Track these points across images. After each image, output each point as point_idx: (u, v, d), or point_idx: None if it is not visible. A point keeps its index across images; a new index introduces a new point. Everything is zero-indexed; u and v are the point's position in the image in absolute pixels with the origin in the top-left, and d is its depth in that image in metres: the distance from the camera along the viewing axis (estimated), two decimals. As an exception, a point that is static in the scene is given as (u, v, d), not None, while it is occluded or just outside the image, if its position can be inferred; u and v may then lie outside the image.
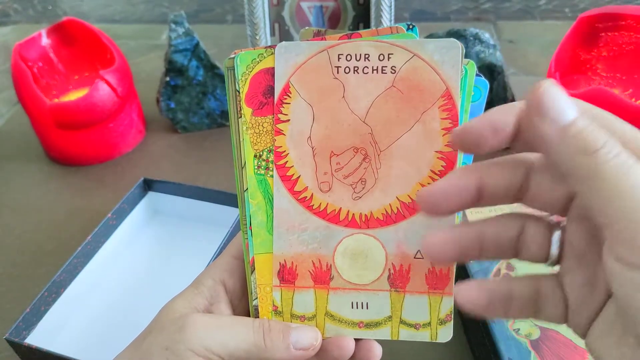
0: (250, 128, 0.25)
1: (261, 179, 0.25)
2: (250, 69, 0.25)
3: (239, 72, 0.25)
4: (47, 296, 0.42)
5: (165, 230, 0.52)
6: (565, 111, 0.17)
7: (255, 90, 0.25)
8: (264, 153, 0.25)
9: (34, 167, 0.63)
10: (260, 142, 0.25)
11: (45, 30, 0.64)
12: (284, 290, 0.25)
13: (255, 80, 0.25)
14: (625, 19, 0.56)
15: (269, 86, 0.25)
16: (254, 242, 0.25)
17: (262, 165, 0.25)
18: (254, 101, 0.25)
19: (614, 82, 0.59)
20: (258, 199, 0.25)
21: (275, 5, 0.62)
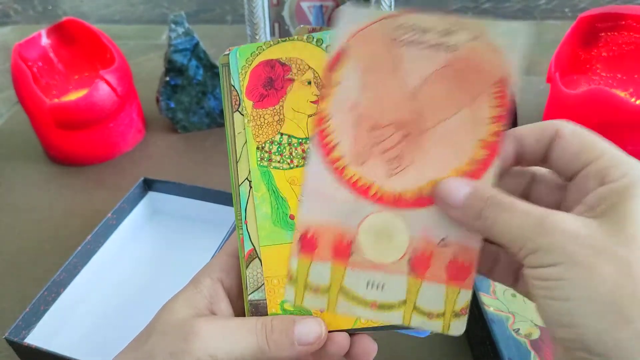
0: (251, 120, 0.25)
1: (264, 171, 0.25)
2: (249, 62, 0.25)
3: (238, 66, 0.25)
4: (46, 296, 0.42)
5: (165, 230, 0.52)
6: (453, 196, 0.23)
7: (255, 83, 0.25)
8: (266, 145, 0.25)
9: (34, 167, 0.63)
10: (262, 134, 0.25)
11: (45, 31, 0.64)
12: (302, 259, 0.24)
13: (255, 73, 0.25)
14: (626, 19, 0.56)
15: (268, 78, 0.25)
16: (260, 234, 0.26)
17: (265, 157, 0.25)
18: (254, 94, 0.25)
19: (614, 82, 0.59)
20: (262, 191, 0.25)
21: (275, 5, 0.62)
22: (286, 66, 0.25)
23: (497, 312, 0.39)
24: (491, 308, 0.39)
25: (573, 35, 0.58)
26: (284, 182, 0.26)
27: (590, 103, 0.51)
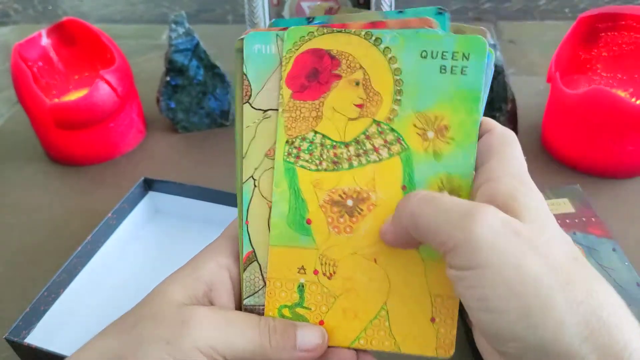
0: (286, 111, 0.24)
1: (289, 167, 0.24)
2: (297, 47, 0.23)
3: (285, 48, 0.23)
4: (46, 296, 0.42)
5: (165, 230, 0.52)
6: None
7: (299, 71, 0.23)
8: (297, 140, 0.24)
9: (33, 167, 0.63)
10: (295, 127, 0.24)
11: (45, 30, 0.64)
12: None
13: (301, 60, 0.23)
14: (626, 19, 0.56)
15: (314, 69, 0.23)
16: (272, 233, 0.24)
17: (293, 153, 0.24)
18: (295, 83, 0.23)
19: (614, 82, 0.59)
20: (282, 188, 0.24)
21: (275, 5, 0.62)
22: (336, 60, 0.23)
23: (498, 312, 0.38)
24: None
25: (573, 35, 0.58)
26: (307, 183, 0.24)
27: (591, 103, 0.51)
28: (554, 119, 0.58)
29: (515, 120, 0.60)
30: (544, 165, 0.58)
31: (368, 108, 0.23)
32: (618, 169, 0.54)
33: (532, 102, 0.66)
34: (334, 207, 0.24)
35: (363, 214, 0.24)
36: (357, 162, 0.24)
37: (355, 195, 0.24)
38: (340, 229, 0.24)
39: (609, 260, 0.41)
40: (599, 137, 0.53)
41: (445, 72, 0.22)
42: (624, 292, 0.39)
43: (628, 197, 0.53)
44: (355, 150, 0.24)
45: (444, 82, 0.23)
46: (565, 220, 0.45)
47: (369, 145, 0.24)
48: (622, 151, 0.53)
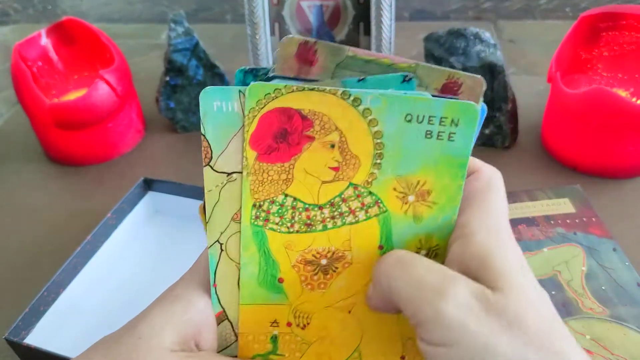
0: (251, 174, 0.21)
1: (258, 231, 0.22)
2: (261, 105, 0.21)
3: (247, 106, 0.21)
4: (46, 296, 0.42)
5: (165, 230, 0.52)
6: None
7: (265, 131, 0.21)
8: (265, 203, 0.22)
9: (33, 167, 0.63)
10: (263, 191, 0.22)
11: (45, 30, 0.64)
12: None
13: (267, 119, 0.21)
14: (626, 19, 0.56)
15: (283, 129, 0.21)
16: (242, 293, 0.23)
17: (261, 217, 0.22)
18: (261, 144, 0.21)
19: (615, 82, 0.59)
20: (251, 251, 0.23)
21: (275, 5, 0.62)
22: (308, 120, 0.21)
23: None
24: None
25: (574, 34, 0.58)
26: (278, 245, 0.23)
27: (591, 103, 0.51)
28: (554, 119, 0.57)
29: (516, 120, 0.60)
30: (544, 165, 0.58)
31: (344, 171, 0.21)
32: (619, 169, 0.54)
33: (533, 102, 0.66)
34: (308, 266, 0.23)
35: (338, 272, 0.23)
36: (332, 223, 0.22)
37: (330, 255, 0.23)
38: (314, 286, 0.23)
39: (610, 260, 0.41)
40: (599, 137, 0.53)
41: (431, 137, 0.21)
42: (624, 292, 0.39)
43: (628, 197, 0.53)
44: (330, 213, 0.22)
45: (429, 147, 0.21)
46: (565, 221, 0.45)
47: (345, 207, 0.22)
48: (622, 151, 0.53)
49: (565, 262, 0.42)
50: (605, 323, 0.37)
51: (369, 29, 0.61)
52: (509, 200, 0.47)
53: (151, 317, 0.22)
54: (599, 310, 0.38)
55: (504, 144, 0.60)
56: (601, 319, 0.37)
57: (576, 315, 0.38)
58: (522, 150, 0.60)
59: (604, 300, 0.38)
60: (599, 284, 0.39)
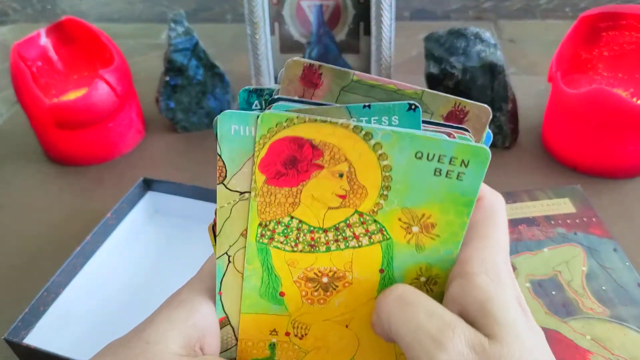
0: (259, 196, 0.22)
1: (262, 248, 0.23)
2: (272, 133, 0.21)
3: (258, 134, 0.21)
4: (46, 296, 0.42)
5: (165, 230, 0.52)
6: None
7: (274, 158, 0.21)
8: (271, 223, 0.22)
9: (33, 167, 0.63)
10: (269, 212, 0.22)
11: (44, 30, 0.64)
12: None
13: (277, 147, 0.21)
14: (626, 19, 0.56)
15: (292, 157, 0.21)
16: (244, 302, 0.24)
17: (267, 235, 0.23)
18: (270, 169, 0.21)
19: (615, 82, 0.59)
20: (255, 265, 0.23)
21: (275, 4, 0.62)
22: (318, 150, 0.21)
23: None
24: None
25: (574, 34, 0.58)
26: (281, 262, 0.23)
27: (592, 103, 0.51)
28: (554, 118, 0.57)
29: (516, 120, 0.60)
30: (545, 165, 0.58)
31: (351, 199, 0.22)
32: (619, 169, 0.54)
33: (533, 102, 0.66)
34: (309, 282, 0.23)
35: (338, 290, 0.23)
36: (336, 246, 0.23)
37: (331, 274, 0.23)
38: (314, 301, 0.24)
39: (610, 260, 0.41)
40: (599, 137, 0.53)
41: (440, 175, 0.21)
42: (624, 292, 0.39)
43: (628, 197, 0.53)
44: (334, 236, 0.22)
45: (437, 184, 0.21)
46: (566, 221, 0.45)
47: (349, 232, 0.22)
48: (622, 151, 0.53)
49: (566, 262, 0.41)
50: (605, 323, 0.37)
51: (369, 29, 0.61)
52: (509, 200, 0.47)
53: (158, 322, 0.22)
54: (599, 310, 0.38)
55: (504, 144, 0.60)
56: (601, 319, 0.37)
57: (576, 315, 0.38)
58: (522, 150, 0.60)
59: (604, 301, 0.38)
60: (599, 284, 0.39)
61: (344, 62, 0.64)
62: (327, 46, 0.64)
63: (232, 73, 0.70)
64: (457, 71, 0.57)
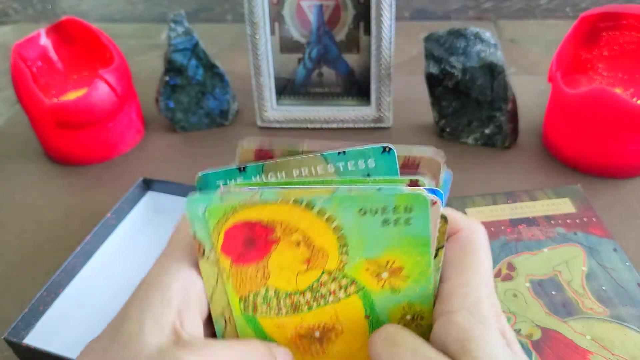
0: (231, 277, 0.23)
1: (250, 319, 0.24)
2: (222, 223, 0.22)
3: (209, 226, 0.22)
4: (45, 296, 0.41)
5: (165, 230, 0.52)
6: None
7: (233, 241, 0.22)
8: (250, 296, 0.23)
9: (33, 167, 0.63)
10: (245, 287, 0.23)
11: (45, 30, 0.64)
12: None
13: (231, 232, 0.22)
14: (627, 19, 0.56)
15: (249, 237, 0.22)
16: None
17: (250, 307, 0.23)
18: (232, 252, 0.22)
19: (615, 82, 0.59)
20: (248, 333, 0.24)
21: (275, 4, 0.62)
22: (269, 228, 0.22)
23: (498, 312, 0.38)
24: (492, 309, 0.39)
25: (574, 34, 0.58)
26: (271, 327, 0.24)
27: (592, 103, 0.51)
28: (554, 118, 0.57)
29: (516, 120, 0.60)
30: (545, 165, 0.58)
31: (315, 262, 0.22)
32: (619, 168, 0.54)
33: (533, 102, 0.66)
34: (303, 339, 0.24)
35: (332, 340, 0.24)
36: (316, 304, 0.23)
37: (321, 328, 0.24)
38: (313, 353, 0.24)
39: (610, 260, 0.41)
40: (600, 137, 0.53)
41: (389, 224, 0.21)
42: (624, 292, 0.39)
43: (629, 197, 0.53)
44: (312, 296, 0.23)
45: (389, 232, 0.21)
46: (566, 221, 0.45)
47: (325, 290, 0.23)
48: (623, 151, 0.53)
49: (566, 262, 0.41)
50: (605, 323, 0.37)
51: (369, 29, 0.61)
52: (509, 200, 0.47)
53: (131, 317, 0.22)
54: (600, 310, 0.38)
55: (504, 144, 0.60)
56: (601, 319, 0.37)
57: (576, 315, 0.38)
58: (522, 150, 0.60)
59: (605, 301, 0.38)
60: (599, 284, 0.39)
61: (344, 62, 0.64)
62: (327, 46, 0.64)
63: (232, 73, 0.70)
64: (457, 71, 0.57)
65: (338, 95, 0.66)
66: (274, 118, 0.66)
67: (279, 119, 0.66)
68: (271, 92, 0.65)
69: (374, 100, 0.64)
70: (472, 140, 0.61)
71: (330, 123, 0.65)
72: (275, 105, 0.66)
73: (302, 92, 0.66)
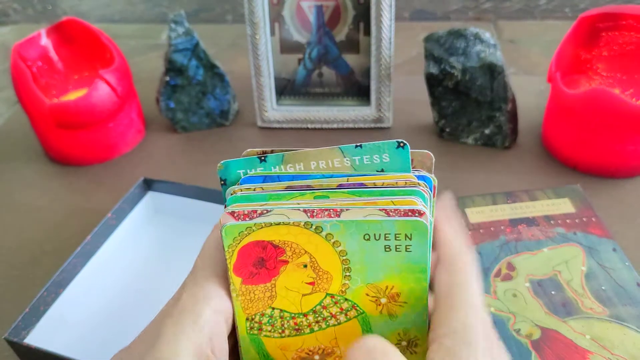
0: (240, 295, 0.24)
1: (254, 338, 0.25)
2: (237, 241, 0.23)
3: (225, 244, 0.23)
4: (46, 296, 0.42)
5: (165, 230, 0.52)
6: None
7: (245, 261, 0.24)
8: (256, 316, 0.24)
9: (33, 167, 0.63)
10: (252, 307, 0.24)
11: (45, 30, 0.64)
12: None
13: (245, 251, 0.23)
14: (626, 19, 0.56)
15: (260, 258, 0.23)
16: None
17: (255, 327, 0.25)
18: (243, 271, 0.24)
19: (614, 82, 0.59)
20: (252, 354, 0.25)
21: (275, 5, 0.62)
22: (280, 248, 0.23)
23: (498, 312, 0.38)
24: (492, 308, 0.39)
25: (574, 35, 0.58)
26: (274, 347, 0.25)
27: (591, 103, 0.51)
28: (554, 119, 0.57)
29: (516, 120, 0.60)
30: (545, 165, 0.58)
31: (320, 284, 0.24)
32: (618, 168, 0.54)
33: (533, 102, 0.66)
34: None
35: None
36: (318, 327, 0.25)
37: (321, 352, 0.25)
38: None
39: (610, 260, 0.41)
40: (599, 137, 0.53)
41: (390, 251, 0.23)
42: (624, 292, 0.39)
43: (628, 197, 0.53)
44: (314, 319, 0.25)
45: (390, 258, 0.23)
46: (565, 221, 0.45)
47: (327, 313, 0.25)
48: (622, 151, 0.53)
49: (565, 262, 0.42)
50: (605, 323, 0.37)
51: (369, 29, 0.61)
52: (509, 200, 0.47)
53: (166, 336, 0.22)
54: (599, 310, 0.38)
55: (504, 144, 0.60)
56: (601, 319, 0.37)
57: (576, 315, 0.38)
58: (522, 150, 0.60)
59: (604, 300, 0.38)
60: (599, 284, 0.40)
61: (344, 62, 0.64)
62: (327, 46, 0.64)
63: (232, 73, 0.70)
64: (456, 71, 0.57)
65: (338, 95, 0.66)
66: (274, 118, 0.66)
67: (279, 119, 0.66)
68: (271, 92, 0.65)
69: (374, 101, 0.64)
70: (472, 141, 0.61)
71: (330, 123, 0.65)
72: (275, 105, 0.66)
73: (302, 92, 0.66)
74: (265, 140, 0.65)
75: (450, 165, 0.58)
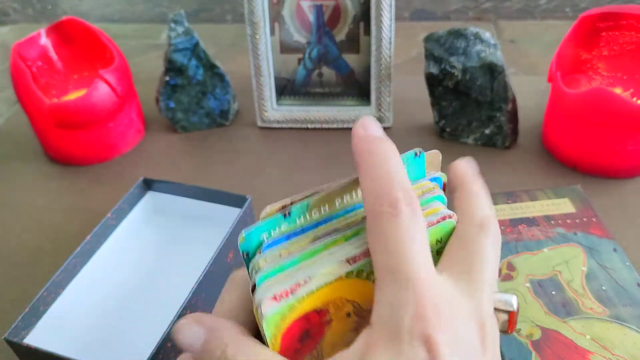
0: None
1: None
2: (279, 327, 0.21)
3: (267, 335, 0.21)
4: (46, 296, 0.42)
5: (165, 230, 0.52)
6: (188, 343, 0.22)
7: (289, 343, 0.22)
8: None
9: (33, 167, 0.63)
10: None
11: (45, 30, 0.64)
12: None
13: (289, 333, 0.21)
14: (626, 19, 0.56)
15: (305, 332, 0.22)
16: None
17: None
18: (289, 352, 0.22)
19: (614, 82, 0.59)
20: None
21: (275, 4, 0.62)
22: (323, 311, 0.22)
23: (498, 312, 0.38)
24: (492, 308, 0.39)
25: (574, 34, 0.58)
26: None
27: (591, 103, 0.51)
28: (554, 118, 0.57)
29: (516, 120, 0.60)
30: (545, 165, 0.58)
31: (363, 325, 0.22)
32: (619, 168, 0.54)
33: (533, 102, 0.66)
34: None
35: None
36: None
37: None
38: None
39: (610, 260, 0.41)
40: (599, 137, 0.53)
41: None
42: (624, 292, 0.39)
43: (629, 197, 0.53)
44: None
45: None
46: (565, 221, 0.45)
47: None
48: (622, 151, 0.53)
49: (566, 262, 0.41)
50: (605, 323, 0.37)
51: (369, 29, 0.61)
52: (509, 200, 0.47)
53: None
54: (599, 310, 0.38)
55: (504, 144, 0.60)
56: (601, 319, 0.37)
57: (576, 315, 0.38)
58: (522, 150, 0.60)
59: (604, 301, 0.38)
60: (599, 284, 0.39)
61: (344, 62, 0.64)
62: (327, 46, 0.64)
63: (232, 73, 0.70)
64: (456, 71, 0.57)
65: (338, 95, 0.66)
66: (274, 118, 0.66)
67: (279, 119, 0.66)
68: (271, 92, 0.65)
69: (374, 100, 0.64)
70: (472, 141, 0.61)
71: (330, 123, 0.65)
72: (275, 105, 0.66)
73: (302, 92, 0.66)
74: (265, 140, 0.65)
75: (451, 165, 0.58)
